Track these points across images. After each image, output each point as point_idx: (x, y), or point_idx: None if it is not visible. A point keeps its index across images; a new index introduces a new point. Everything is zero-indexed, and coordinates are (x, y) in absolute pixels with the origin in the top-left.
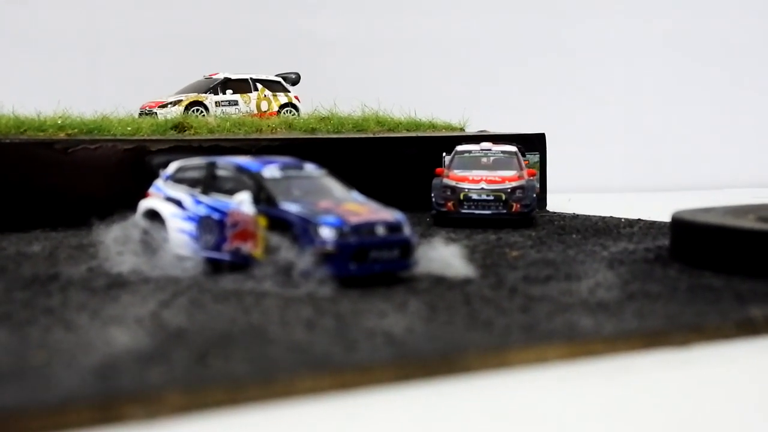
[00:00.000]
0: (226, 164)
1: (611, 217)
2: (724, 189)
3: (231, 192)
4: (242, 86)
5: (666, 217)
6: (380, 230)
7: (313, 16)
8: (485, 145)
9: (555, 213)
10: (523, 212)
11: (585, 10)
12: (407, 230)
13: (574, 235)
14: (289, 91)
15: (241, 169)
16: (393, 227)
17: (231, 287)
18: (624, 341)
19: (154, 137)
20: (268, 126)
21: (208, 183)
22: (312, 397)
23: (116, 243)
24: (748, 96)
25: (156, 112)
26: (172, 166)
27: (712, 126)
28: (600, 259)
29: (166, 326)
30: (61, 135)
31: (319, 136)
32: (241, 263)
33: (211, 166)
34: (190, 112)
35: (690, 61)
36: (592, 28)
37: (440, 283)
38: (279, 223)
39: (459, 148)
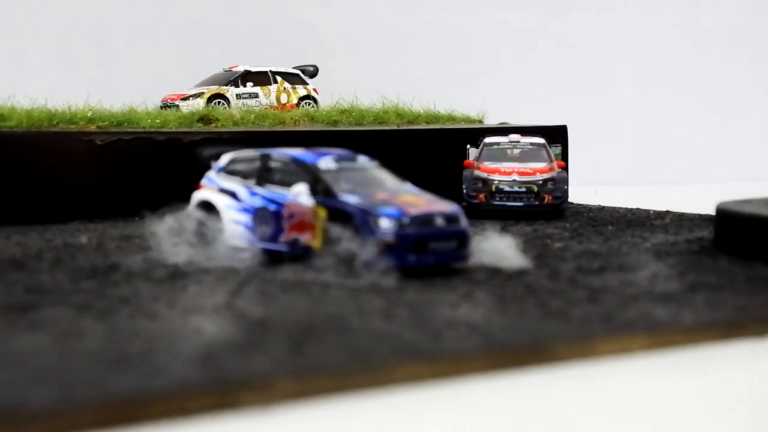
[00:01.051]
0: (281, 156)
1: (638, 208)
2: (734, 182)
3: (286, 183)
4: (262, 79)
5: (692, 209)
6: (439, 221)
7: (326, 8)
8: (514, 137)
9: (580, 204)
10: (554, 204)
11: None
12: (464, 221)
13: (609, 227)
14: (308, 84)
15: (296, 161)
16: (450, 218)
17: (292, 278)
18: (703, 332)
19: (183, 129)
20: (291, 118)
21: (263, 175)
22: (411, 386)
23: (170, 234)
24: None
25: (178, 105)
26: (225, 158)
27: (726, 119)
28: (644, 250)
29: (246, 316)
30: (92, 127)
31: (341, 128)
32: (298, 254)
33: (266, 158)
34: (211, 104)
35: (707, 53)
36: (611, 19)
37: (497, 274)
38: (338, 214)
39: (487, 140)
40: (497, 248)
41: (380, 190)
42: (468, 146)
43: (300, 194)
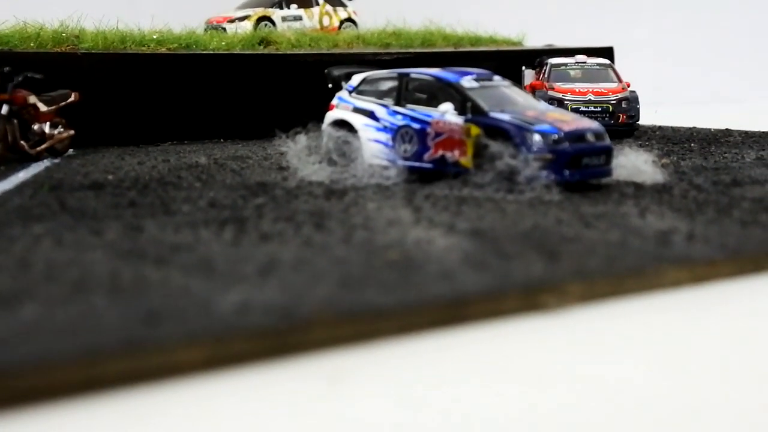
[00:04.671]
0: (422, 76)
1: (695, 127)
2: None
3: (428, 102)
4: (305, 1)
5: (743, 126)
6: (590, 137)
7: None
8: (580, 57)
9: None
10: (628, 123)
11: None
12: (608, 138)
13: (691, 144)
14: (347, 6)
15: (440, 81)
16: (598, 135)
17: (451, 194)
18: None
19: (246, 51)
20: (344, 40)
21: (402, 94)
22: (670, 289)
23: (307, 152)
24: None
25: (224, 27)
26: (357, 78)
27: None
28: (751, 164)
29: (456, 228)
30: (162, 49)
31: (394, 50)
32: (444, 171)
33: (404, 78)
34: (258, 26)
35: None
36: None
37: (642, 187)
38: (493, 131)
39: (552, 61)
40: (634, 163)
41: (526, 108)
42: (524, 68)
43: (447, 112)
